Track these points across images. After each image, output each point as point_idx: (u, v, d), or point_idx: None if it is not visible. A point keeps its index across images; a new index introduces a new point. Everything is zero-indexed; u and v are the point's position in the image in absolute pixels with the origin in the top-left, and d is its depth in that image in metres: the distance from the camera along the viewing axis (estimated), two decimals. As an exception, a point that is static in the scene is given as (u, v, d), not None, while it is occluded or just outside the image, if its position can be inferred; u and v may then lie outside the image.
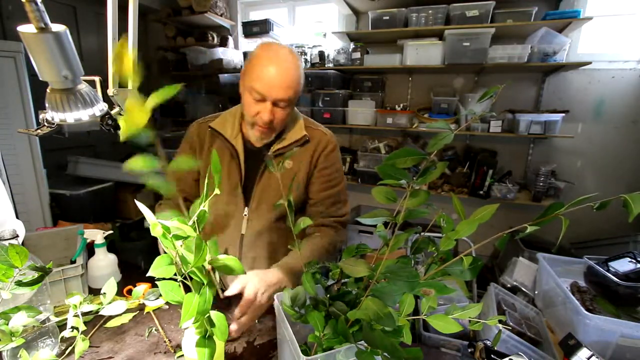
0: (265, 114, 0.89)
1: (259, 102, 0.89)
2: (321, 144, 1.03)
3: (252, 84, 0.87)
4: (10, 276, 0.57)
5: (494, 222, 2.85)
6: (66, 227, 1.17)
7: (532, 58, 2.10)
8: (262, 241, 1.04)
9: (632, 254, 1.30)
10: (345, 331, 0.54)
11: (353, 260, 0.56)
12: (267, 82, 0.86)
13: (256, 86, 0.87)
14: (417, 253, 0.60)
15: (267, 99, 0.88)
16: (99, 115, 0.68)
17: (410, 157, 0.50)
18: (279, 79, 0.86)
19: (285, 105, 0.91)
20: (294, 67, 0.88)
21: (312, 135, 1.03)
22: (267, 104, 0.89)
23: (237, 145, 1.00)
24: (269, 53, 0.88)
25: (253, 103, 0.90)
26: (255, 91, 0.87)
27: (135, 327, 0.88)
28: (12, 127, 1.92)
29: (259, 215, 1.02)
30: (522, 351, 1.18)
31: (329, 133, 1.07)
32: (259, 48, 0.91)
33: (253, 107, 0.90)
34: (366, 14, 2.52)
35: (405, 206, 0.54)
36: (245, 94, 0.92)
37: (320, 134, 1.04)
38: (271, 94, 0.87)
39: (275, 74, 0.86)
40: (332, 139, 1.06)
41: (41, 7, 0.53)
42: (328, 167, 1.03)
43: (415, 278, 0.51)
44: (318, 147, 1.03)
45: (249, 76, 0.89)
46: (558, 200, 2.25)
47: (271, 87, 0.86)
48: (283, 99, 0.88)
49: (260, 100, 0.88)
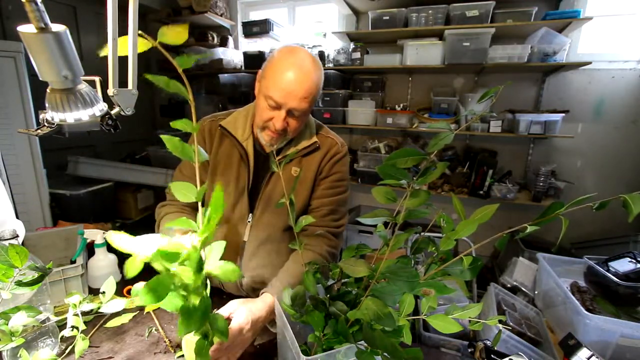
0: (278, 122, 0.86)
1: (274, 109, 0.86)
2: (330, 152, 1.00)
3: (269, 90, 0.84)
4: (10, 276, 0.57)
5: (494, 222, 2.84)
6: (66, 227, 1.17)
7: (532, 58, 2.10)
8: (264, 249, 1.01)
9: (632, 254, 1.30)
10: (345, 331, 0.54)
11: (353, 260, 0.56)
12: (284, 91, 0.83)
13: (272, 94, 0.84)
14: (417, 253, 0.60)
15: (282, 108, 0.85)
16: (99, 115, 0.68)
17: (411, 157, 0.50)
18: (297, 89, 0.83)
19: (300, 115, 0.88)
20: (314, 76, 0.85)
21: (323, 142, 1.00)
22: (282, 113, 0.86)
23: (247, 147, 0.97)
24: (289, 60, 0.84)
25: (267, 109, 0.87)
26: (271, 98, 0.84)
27: (135, 327, 0.88)
28: (12, 127, 1.92)
29: (263, 223, 0.99)
30: (522, 351, 1.18)
31: (340, 142, 1.04)
32: (280, 52, 0.87)
33: (266, 112, 0.87)
34: (366, 14, 2.52)
35: (405, 206, 0.54)
36: (260, 98, 0.89)
37: (331, 141, 1.02)
38: (287, 104, 0.84)
39: (294, 84, 0.82)
40: (342, 148, 1.03)
41: (41, 7, 0.53)
42: (332, 174, 1.01)
43: (415, 278, 0.51)
44: (327, 154, 1.00)
45: (265, 81, 0.86)
46: (558, 200, 2.24)
47: (288, 97, 0.83)
48: (298, 109, 0.86)
49: (275, 107, 0.86)
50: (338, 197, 1.02)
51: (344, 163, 1.04)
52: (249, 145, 0.97)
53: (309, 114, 0.96)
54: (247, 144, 0.97)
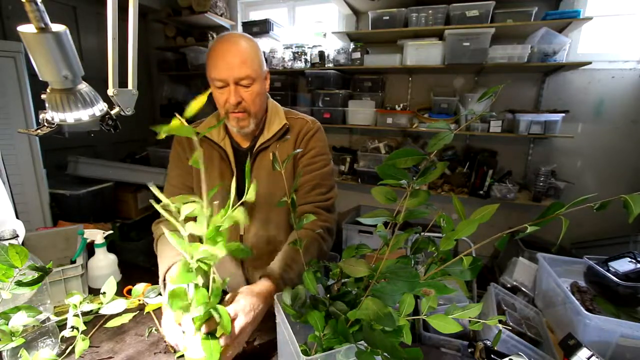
0: (231, 97, 0.90)
1: (223, 89, 0.91)
2: (302, 132, 1.03)
3: (211, 74, 0.90)
4: (10, 276, 0.57)
5: (494, 222, 2.84)
6: (66, 227, 1.17)
7: (532, 58, 2.10)
8: (262, 238, 1.04)
9: (632, 254, 1.30)
10: (345, 331, 0.54)
11: (353, 260, 0.56)
12: (221, 66, 0.88)
13: (214, 75, 0.89)
14: (417, 253, 0.60)
15: (229, 83, 0.89)
16: (99, 115, 0.68)
17: (411, 157, 0.50)
18: (232, 59, 0.88)
19: (249, 84, 0.91)
20: (246, 45, 0.90)
21: (293, 124, 1.03)
22: (230, 88, 0.90)
23: (225, 146, 1.01)
24: (219, 42, 0.90)
25: (219, 93, 0.92)
26: (215, 79, 0.89)
27: (135, 327, 0.88)
28: (12, 127, 1.92)
29: (256, 213, 1.02)
30: (522, 351, 1.18)
31: (310, 119, 1.06)
32: (213, 41, 0.93)
33: (220, 96, 0.92)
34: (366, 14, 2.52)
35: (405, 206, 0.54)
36: (212, 89, 0.92)
37: (302, 121, 1.04)
38: (229, 76, 0.88)
39: (228, 56, 0.88)
40: (313, 125, 1.05)
41: (41, 7, 0.53)
42: (309, 151, 1.03)
43: (415, 278, 0.51)
44: (299, 135, 1.03)
45: (207, 70, 0.91)
46: (558, 200, 2.24)
47: (227, 69, 0.88)
48: (242, 77, 0.89)
49: (223, 87, 0.90)
50: (320, 171, 1.03)
51: (319, 138, 1.05)
52: (226, 145, 1.01)
53: (265, 93, 1.00)
54: (225, 144, 1.01)
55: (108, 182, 2.54)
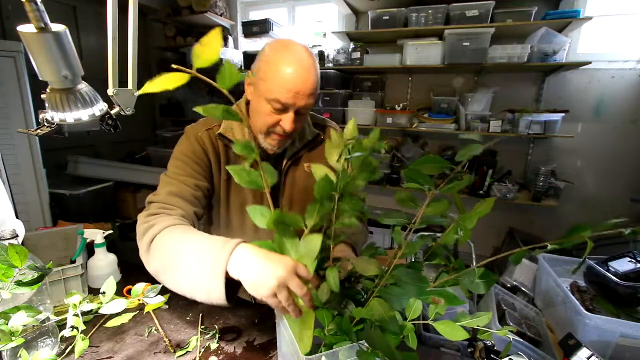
0: (287, 124, 0.81)
1: (280, 112, 0.81)
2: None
3: (272, 94, 0.78)
4: (10, 276, 0.57)
5: (494, 222, 2.83)
6: (66, 227, 1.17)
7: (532, 58, 2.10)
8: None
9: (632, 254, 1.30)
10: (349, 329, 0.54)
11: (365, 258, 0.56)
12: (290, 92, 0.77)
13: (278, 96, 0.78)
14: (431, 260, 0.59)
15: (290, 109, 0.80)
16: (99, 115, 0.68)
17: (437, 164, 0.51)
18: (304, 87, 0.78)
19: (306, 112, 0.86)
20: (316, 70, 0.82)
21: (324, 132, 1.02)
22: (290, 114, 0.81)
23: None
24: (287, 57, 0.78)
25: (272, 113, 0.81)
26: (278, 102, 0.78)
27: (135, 327, 0.88)
28: (12, 127, 1.92)
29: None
30: (522, 351, 1.18)
31: (334, 125, 1.06)
32: (273, 49, 0.81)
33: (272, 117, 0.82)
34: (366, 14, 2.52)
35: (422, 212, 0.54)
36: (260, 103, 0.82)
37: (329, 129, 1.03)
38: (295, 104, 0.79)
39: (300, 83, 0.78)
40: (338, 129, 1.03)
41: (41, 7, 0.53)
42: None
43: (424, 284, 0.51)
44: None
45: (265, 83, 0.79)
46: (558, 200, 2.25)
47: (296, 98, 0.78)
48: (306, 107, 0.82)
49: (282, 110, 0.80)
50: None
51: None
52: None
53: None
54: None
55: (108, 182, 2.54)
